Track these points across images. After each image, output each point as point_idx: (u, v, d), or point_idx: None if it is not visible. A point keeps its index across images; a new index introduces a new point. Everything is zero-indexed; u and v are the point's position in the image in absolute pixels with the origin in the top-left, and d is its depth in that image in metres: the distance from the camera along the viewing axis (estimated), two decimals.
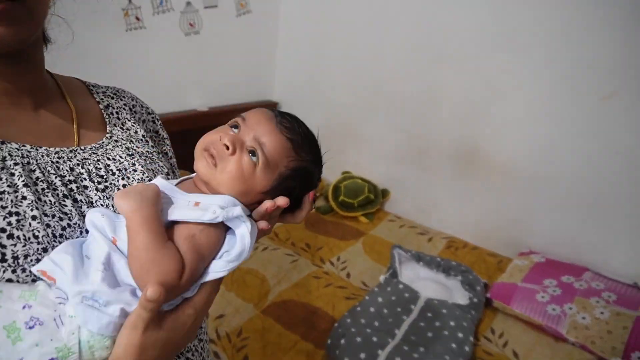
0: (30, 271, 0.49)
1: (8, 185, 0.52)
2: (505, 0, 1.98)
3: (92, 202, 0.58)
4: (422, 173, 2.47)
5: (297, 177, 0.63)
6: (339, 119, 2.71)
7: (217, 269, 0.55)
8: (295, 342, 1.61)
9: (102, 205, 0.59)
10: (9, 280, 0.48)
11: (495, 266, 2.12)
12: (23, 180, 0.53)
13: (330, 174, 2.78)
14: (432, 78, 2.28)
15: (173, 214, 0.54)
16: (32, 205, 0.52)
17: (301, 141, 0.63)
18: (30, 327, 0.45)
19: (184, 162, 0.95)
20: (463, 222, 2.37)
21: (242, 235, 0.55)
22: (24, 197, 0.52)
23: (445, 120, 2.30)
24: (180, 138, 0.86)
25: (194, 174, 0.64)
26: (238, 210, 0.55)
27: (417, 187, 2.51)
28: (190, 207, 0.55)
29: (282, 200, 0.59)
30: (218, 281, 0.57)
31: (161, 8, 2.15)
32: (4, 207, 0.50)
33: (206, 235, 0.54)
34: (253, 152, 0.59)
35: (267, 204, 0.59)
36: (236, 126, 0.62)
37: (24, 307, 0.46)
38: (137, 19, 2.07)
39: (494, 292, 1.86)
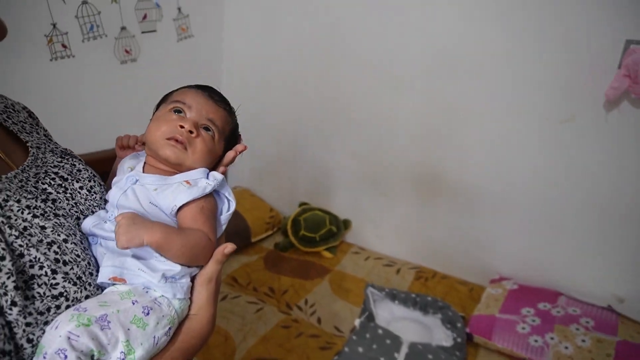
0: (94, 283, 0.59)
1: (23, 220, 0.55)
2: (462, 23, 1.95)
3: (68, 213, 0.63)
4: (384, 200, 2.38)
5: (233, 134, 0.79)
6: (291, 148, 2.57)
7: (224, 221, 0.72)
8: None
9: (76, 212, 0.65)
10: (87, 297, 0.57)
11: (468, 295, 2.05)
12: (29, 212, 0.57)
13: (286, 207, 2.61)
14: (390, 102, 2.20)
15: (182, 198, 0.65)
16: (55, 231, 0.58)
17: (229, 108, 0.79)
18: (147, 314, 0.57)
19: None
20: (429, 249, 2.30)
21: (229, 192, 0.73)
22: (43, 227, 0.57)
23: (406, 146, 2.23)
24: None
25: (127, 160, 0.76)
26: (218, 175, 0.71)
27: (379, 216, 2.41)
28: (187, 187, 0.66)
29: (241, 147, 0.77)
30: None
31: (92, 34, 1.90)
32: (40, 241, 0.55)
33: (209, 203, 0.68)
34: (207, 128, 0.73)
35: (232, 154, 0.76)
36: (180, 111, 0.72)
37: (133, 303, 0.57)
38: (64, 46, 1.81)
39: (473, 326, 1.78)
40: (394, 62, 2.14)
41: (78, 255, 0.58)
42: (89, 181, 0.71)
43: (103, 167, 0.90)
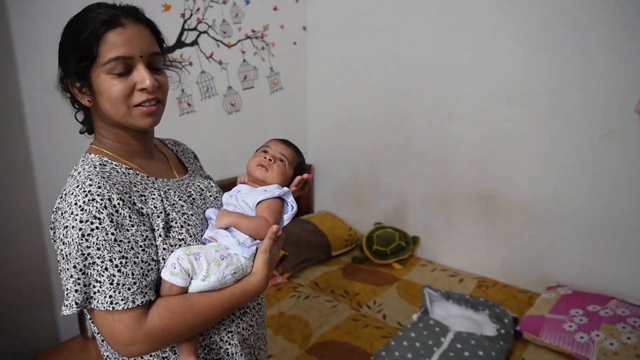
0: (201, 240, 0.93)
1: (174, 200, 0.92)
2: (506, 58, 2.24)
3: (200, 207, 1.00)
4: (449, 218, 2.65)
5: (299, 166, 1.12)
6: (367, 175, 2.97)
7: (287, 219, 1.02)
8: None
9: (203, 205, 1.01)
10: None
11: (526, 302, 2.22)
12: (177, 197, 0.94)
13: (363, 227, 2.99)
14: (449, 131, 2.53)
15: (259, 197, 0.99)
16: (189, 209, 0.94)
17: (296, 150, 1.14)
18: (222, 259, 0.88)
19: None
20: (492, 262, 2.50)
21: (292, 200, 1.04)
22: (183, 205, 0.93)
23: (464, 168, 2.51)
24: None
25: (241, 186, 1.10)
26: (286, 188, 1.05)
27: (445, 232, 2.68)
28: (264, 192, 1.01)
29: (306, 175, 1.11)
30: (284, 229, 1.02)
31: (208, 94, 2.55)
32: (179, 211, 0.91)
33: (276, 203, 1.00)
34: (281, 159, 1.08)
35: (298, 178, 1.10)
36: (266, 151, 1.10)
37: (216, 251, 0.88)
38: (189, 104, 2.47)
39: (523, 324, 1.96)
40: (449, 97, 2.48)
41: (197, 224, 0.93)
42: (216, 193, 1.08)
43: None
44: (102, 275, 0.77)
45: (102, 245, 0.78)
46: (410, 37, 2.56)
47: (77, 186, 0.81)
